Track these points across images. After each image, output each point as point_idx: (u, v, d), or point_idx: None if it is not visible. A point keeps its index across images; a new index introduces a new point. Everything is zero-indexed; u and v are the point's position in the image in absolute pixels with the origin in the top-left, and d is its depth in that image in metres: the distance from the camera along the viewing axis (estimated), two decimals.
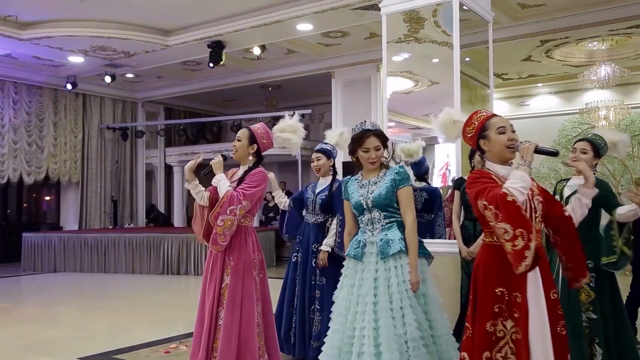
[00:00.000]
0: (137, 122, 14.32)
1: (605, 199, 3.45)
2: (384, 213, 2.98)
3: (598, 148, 3.58)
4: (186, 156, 14.71)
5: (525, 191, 2.32)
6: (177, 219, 14.77)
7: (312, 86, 12.81)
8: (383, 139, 3.04)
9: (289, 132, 3.92)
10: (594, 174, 3.58)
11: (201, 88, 13.53)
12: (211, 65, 9.77)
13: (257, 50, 9.98)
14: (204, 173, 3.78)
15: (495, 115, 2.56)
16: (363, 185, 3.07)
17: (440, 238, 4.53)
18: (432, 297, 2.96)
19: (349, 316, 2.92)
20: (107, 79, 11.61)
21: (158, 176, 15.01)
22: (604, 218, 3.57)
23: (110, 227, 13.24)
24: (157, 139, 14.69)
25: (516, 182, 2.32)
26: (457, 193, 4.25)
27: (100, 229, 12.79)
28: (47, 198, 14.16)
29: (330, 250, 4.11)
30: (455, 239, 4.21)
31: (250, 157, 3.65)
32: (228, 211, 3.38)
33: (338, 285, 3.09)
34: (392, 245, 2.90)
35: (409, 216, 2.97)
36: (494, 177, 2.47)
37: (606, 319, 3.39)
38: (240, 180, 3.58)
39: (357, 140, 3.05)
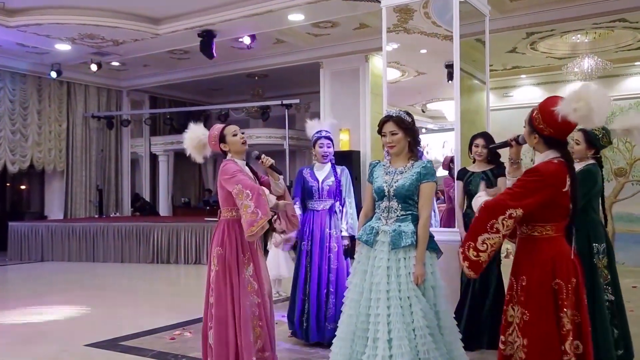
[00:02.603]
0: (122, 111, 14.22)
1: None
2: (402, 204, 3.06)
3: (592, 139, 3.72)
4: (171, 145, 14.67)
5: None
6: (163, 208, 14.75)
7: (300, 76, 12.82)
8: (401, 124, 3.08)
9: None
10: (591, 162, 3.75)
11: (187, 77, 13.46)
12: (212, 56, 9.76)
13: (247, 40, 9.98)
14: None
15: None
16: (389, 172, 3.14)
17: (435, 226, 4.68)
18: (441, 290, 3.07)
19: (362, 302, 3.01)
20: (93, 67, 11.52)
21: (143, 165, 14.95)
22: None
23: (96, 216, 13.17)
24: (143, 127, 14.62)
25: None
26: (460, 183, 4.38)
27: (86, 218, 12.72)
28: (32, 187, 14.01)
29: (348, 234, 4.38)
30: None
31: None
32: None
33: (351, 271, 3.19)
34: (403, 237, 2.99)
35: (425, 211, 3.05)
36: None
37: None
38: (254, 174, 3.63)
39: (379, 127, 3.17)
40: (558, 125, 2.46)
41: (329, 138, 4.51)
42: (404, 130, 3.10)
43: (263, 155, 3.48)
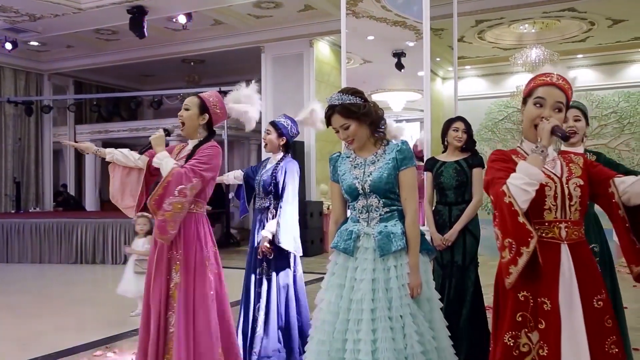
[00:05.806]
0: (43, 96, 13.01)
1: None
2: (384, 200, 2.48)
3: (587, 115, 3.17)
4: (99, 134, 13.63)
5: (531, 188, 1.90)
6: (89, 203, 13.68)
7: (239, 62, 12.10)
8: (350, 114, 2.46)
9: (244, 103, 3.35)
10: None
11: (116, 60, 12.49)
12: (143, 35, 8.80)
13: (182, 19, 9.15)
14: (141, 151, 3.18)
15: (553, 84, 2.05)
16: (358, 165, 2.54)
17: None
18: (436, 303, 2.53)
19: (337, 324, 2.41)
20: (8, 45, 10.42)
21: (67, 156, 13.81)
22: None
23: (13, 211, 12.00)
24: (66, 115, 13.48)
25: (519, 178, 1.91)
26: (429, 175, 3.83)
27: (1, 214, 11.54)
28: None
29: (271, 237, 3.57)
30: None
31: (201, 130, 3.11)
32: (177, 192, 2.82)
33: (322, 285, 2.56)
34: (393, 240, 2.41)
35: (411, 204, 2.47)
36: (517, 160, 2.05)
37: None
38: (190, 157, 3.00)
39: (326, 122, 2.57)
40: None
41: (271, 123, 3.82)
42: (357, 119, 2.47)
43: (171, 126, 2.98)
